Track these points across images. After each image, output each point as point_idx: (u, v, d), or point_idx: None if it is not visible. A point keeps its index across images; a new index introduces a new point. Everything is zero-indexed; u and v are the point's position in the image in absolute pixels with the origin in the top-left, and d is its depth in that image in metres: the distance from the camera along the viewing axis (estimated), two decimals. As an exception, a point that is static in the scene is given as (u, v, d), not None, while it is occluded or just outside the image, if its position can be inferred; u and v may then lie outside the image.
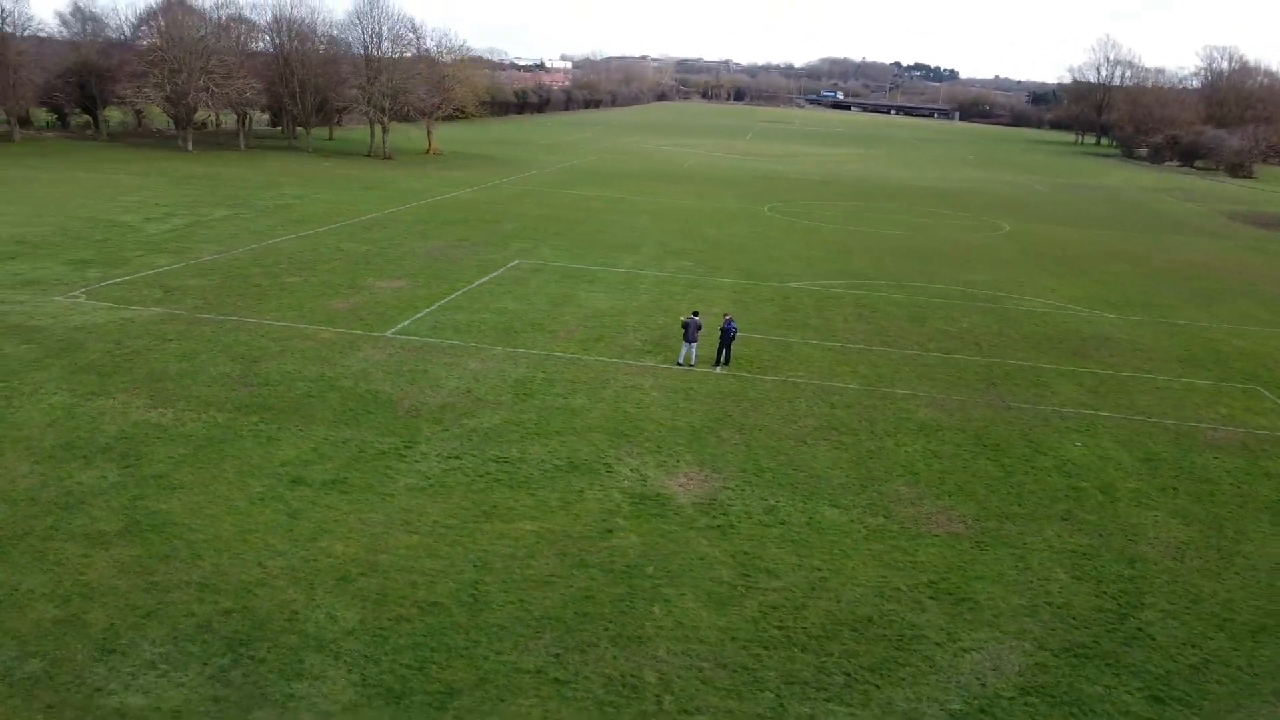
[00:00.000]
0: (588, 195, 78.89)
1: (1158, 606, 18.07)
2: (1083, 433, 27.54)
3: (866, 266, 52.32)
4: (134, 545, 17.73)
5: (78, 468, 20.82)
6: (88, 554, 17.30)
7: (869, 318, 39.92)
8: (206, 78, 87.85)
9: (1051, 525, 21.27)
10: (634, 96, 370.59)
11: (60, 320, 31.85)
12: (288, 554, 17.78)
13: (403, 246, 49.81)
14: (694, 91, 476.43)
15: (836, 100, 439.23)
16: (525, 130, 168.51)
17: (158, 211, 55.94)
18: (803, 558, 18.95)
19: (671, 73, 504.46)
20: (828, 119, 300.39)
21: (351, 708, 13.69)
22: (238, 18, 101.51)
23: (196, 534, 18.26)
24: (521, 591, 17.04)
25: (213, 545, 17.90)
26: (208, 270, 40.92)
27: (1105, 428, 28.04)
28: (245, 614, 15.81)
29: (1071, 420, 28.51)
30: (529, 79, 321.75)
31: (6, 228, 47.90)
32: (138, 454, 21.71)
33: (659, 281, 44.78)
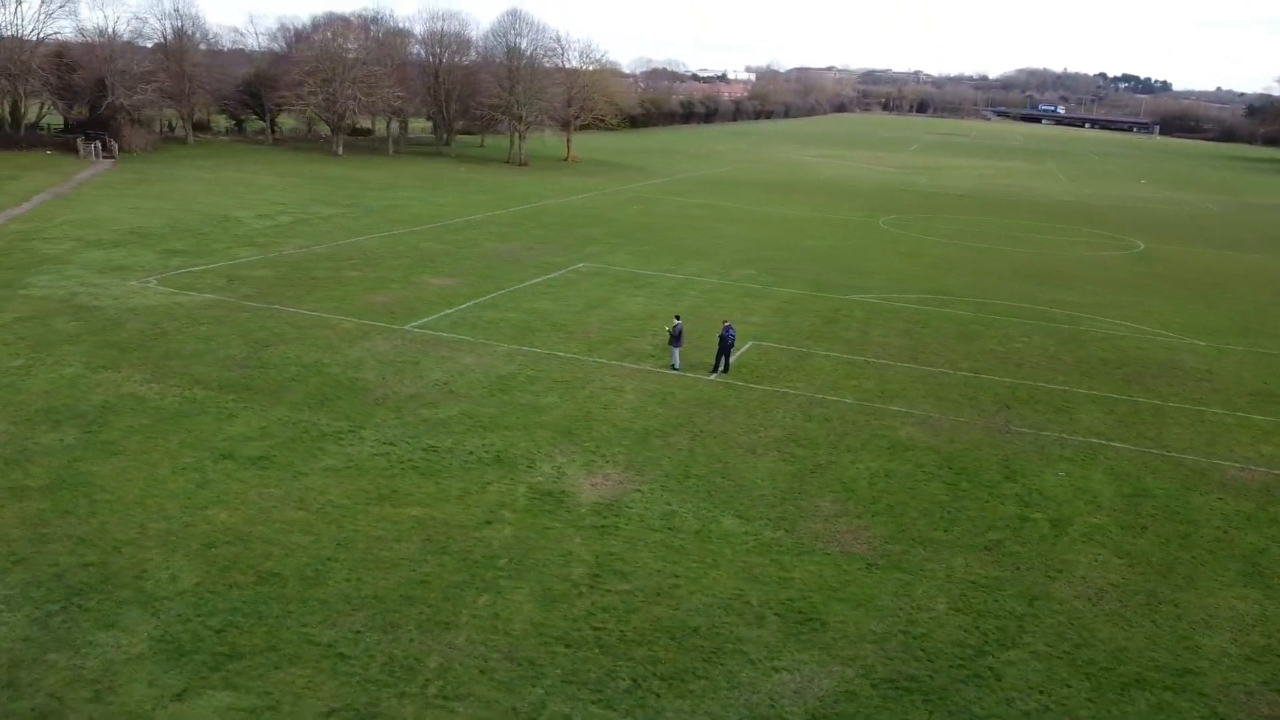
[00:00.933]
0: (698, 203, 79.10)
1: (1030, 647, 16.65)
2: (1078, 462, 25.53)
3: (954, 282, 50.11)
4: (46, 500, 19.44)
5: (45, 430, 22.96)
6: (3, 504, 19.10)
7: (914, 333, 38.27)
8: (355, 87, 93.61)
9: (968, 554, 19.92)
10: (810, 108, 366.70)
11: (119, 302, 35.01)
12: (173, 519, 19.02)
13: (479, 247, 51.60)
14: (875, 103, 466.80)
15: (1026, 113, 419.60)
16: (680, 139, 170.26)
17: (272, 209, 60.25)
18: (667, 564, 18.59)
19: (853, 84, 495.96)
20: (1009, 132, 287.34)
21: (135, 659, 14.60)
22: (395, 30, 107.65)
23: (106, 495, 19.82)
24: (364, 571, 17.57)
25: (113, 506, 19.38)
26: (279, 263, 43.83)
27: (1108, 459, 25.88)
28: (100, 568, 17.08)
29: (1073, 448, 26.47)
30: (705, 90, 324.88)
31: (132, 219, 52.92)
32: (104, 421, 23.70)
33: (711, 289, 44.49)
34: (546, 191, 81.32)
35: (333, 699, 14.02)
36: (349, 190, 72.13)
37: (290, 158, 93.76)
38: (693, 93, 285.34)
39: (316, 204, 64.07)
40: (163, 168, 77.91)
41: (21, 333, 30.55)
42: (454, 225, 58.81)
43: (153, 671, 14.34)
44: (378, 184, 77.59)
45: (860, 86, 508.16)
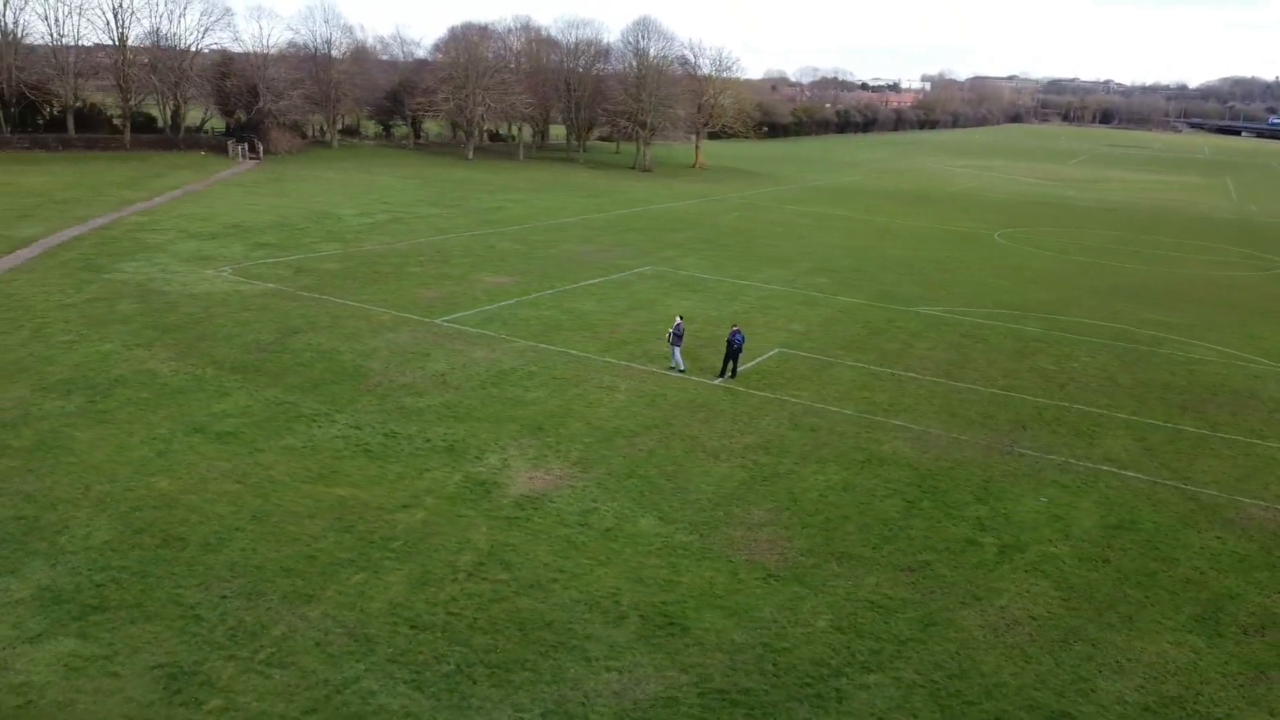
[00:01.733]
0: (808, 210, 77.97)
1: (897, 673, 15.72)
2: (1072, 489, 23.79)
3: (1039, 298, 47.50)
4: (20, 459, 21.33)
5: (54, 398, 25.16)
6: (-19, 460, 21.09)
7: (963, 348, 36.52)
8: (486, 93, 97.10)
9: (885, 574, 18.96)
10: (980, 118, 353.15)
11: (185, 288, 37.80)
12: (118, 483, 20.50)
13: (556, 248, 52.63)
14: (1054, 113, 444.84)
15: (1223, 125, 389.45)
16: (825, 148, 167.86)
17: (377, 208, 63.38)
18: (557, 559, 18.59)
19: (1033, 93, 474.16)
20: (1197, 145, 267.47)
21: (14, 603, 15.88)
22: (530, 38, 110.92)
23: (72, 458, 21.55)
24: (262, 543, 18.41)
25: (72, 468, 21.05)
26: (353, 258, 46.14)
27: (1109, 487, 24.01)
28: (30, 522, 18.62)
29: (1075, 474, 24.67)
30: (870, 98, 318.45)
31: (242, 214, 56.89)
32: (109, 393, 25.73)
33: (767, 295, 43.82)
34: (656, 197, 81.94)
35: (166, 655, 14.80)
36: (461, 192, 74.93)
37: (422, 161, 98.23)
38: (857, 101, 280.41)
39: (423, 204, 66.87)
40: (298, 169, 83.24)
41: (86, 311, 33.44)
42: (544, 227, 60.14)
43: (22, 615, 15.54)
44: (492, 186, 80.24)
45: (1041, 96, 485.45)
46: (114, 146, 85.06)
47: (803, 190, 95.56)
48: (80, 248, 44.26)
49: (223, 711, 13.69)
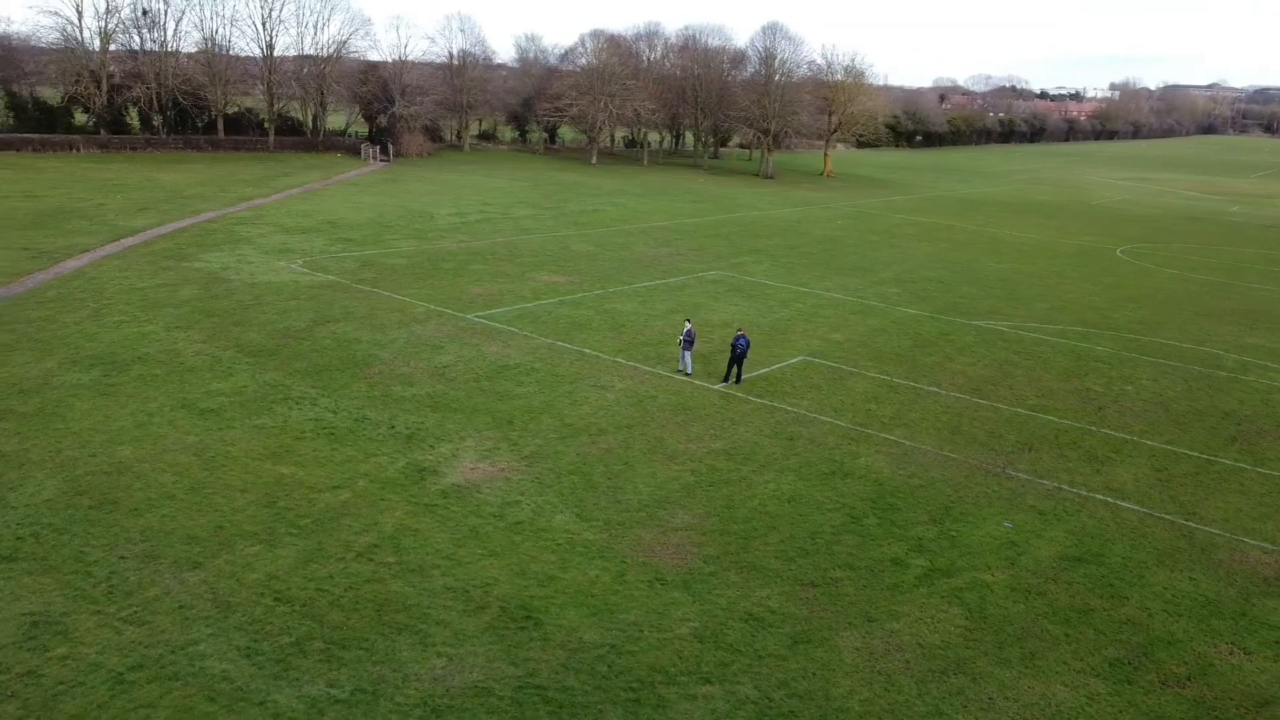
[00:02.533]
0: (917, 220, 75.55)
1: (733, 687, 15.14)
2: (1048, 516, 22.21)
3: (1128, 317, 44.43)
4: (15, 422, 23.36)
5: (76, 371, 27.38)
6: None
7: (1009, 365, 34.59)
8: (608, 100, 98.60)
9: (783, 588, 18.27)
10: (1167, 129, 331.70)
11: (251, 277, 40.27)
12: (87, 448, 22.15)
13: (628, 250, 53.02)
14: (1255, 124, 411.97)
15: None
16: (975, 158, 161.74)
17: (473, 208, 65.51)
18: (454, 546, 18.83)
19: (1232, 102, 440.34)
20: None
21: (-63, 549, 17.49)
22: (669, 45, 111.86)
23: (61, 424, 23.43)
24: (186, 511, 19.47)
25: (57, 433, 22.89)
26: (422, 254, 47.94)
27: (1093, 517, 22.28)
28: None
29: (1060, 500, 23.01)
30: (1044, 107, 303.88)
31: (342, 211, 60.02)
32: (126, 369, 27.78)
33: (824, 304, 42.77)
34: (764, 203, 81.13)
35: (42, 604, 15.94)
36: (566, 195, 76.43)
37: (545, 165, 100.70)
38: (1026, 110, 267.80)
39: (521, 205, 68.62)
40: (419, 170, 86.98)
41: (149, 295, 36.17)
42: (630, 229, 60.61)
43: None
44: (600, 190, 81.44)
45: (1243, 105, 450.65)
46: (259, 148, 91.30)
47: (927, 200, 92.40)
48: (178, 239, 47.82)
49: (63, 659, 14.60)
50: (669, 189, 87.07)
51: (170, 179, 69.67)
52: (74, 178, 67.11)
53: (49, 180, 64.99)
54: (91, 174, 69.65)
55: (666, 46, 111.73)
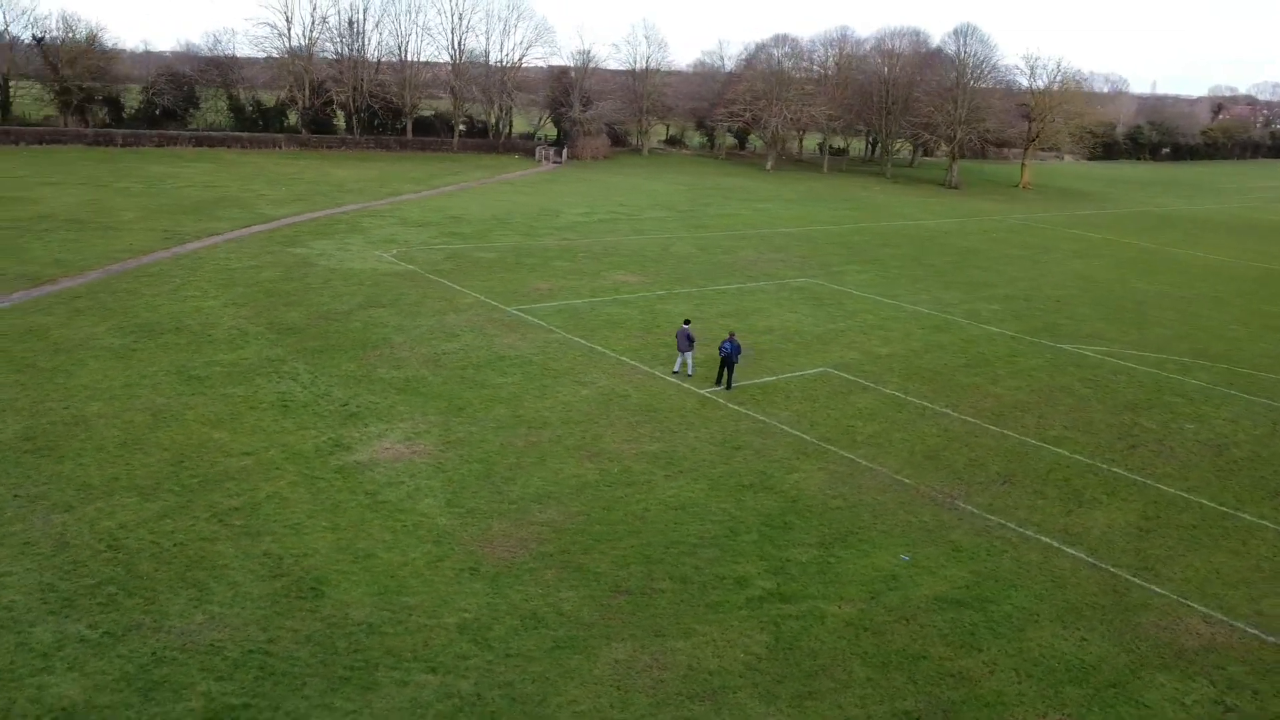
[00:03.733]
0: (1084, 237, 69.84)
1: (447, 677, 14.98)
2: (964, 554, 20.19)
3: (1265, 351, 39.36)
4: (30, 374, 26.48)
5: (116, 335, 30.57)
6: (7, 371, 26.55)
7: (1060, 393, 31.52)
8: (785, 105, 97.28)
9: (591, 591, 17.71)
10: None
11: (336, 264, 43.25)
12: (66, 400, 24.76)
13: (729, 254, 52.39)
14: None
15: None
16: (1221, 174, 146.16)
17: (607, 209, 66.78)
18: (305, 517, 19.54)
19: None
20: None
21: (-121, 474, 20.29)
22: (852, 50, 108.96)
23: (66, 379, 26.26)
24: (100, 463, 21.38)
25: (56, 387, 25.72)
26: (515, 249, 49.59)
27: (1016, 560, 20.02)
28: (-29, 420, 23.32)
29: (992, 540, 20.84)
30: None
31: (472, 208, 62.99)
32: (157, 336, 30.71)
33: (897, 317, 40.55)
34: (924, 214, 77.40)
35: (-83, 529, 18.15)
36: (712, 199, 76.32)
37: (718, 170, 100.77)
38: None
39: (657, 208, 69.21)
40: (584, 172, 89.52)
41: (234, 274, 39.70)
42: (750, 235, 59.78)
43: (-127, 483, 19.79)
44: (752, 195, 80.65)
45: None
46: (443, 149, 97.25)
47: (1120, 216, 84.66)
48: (304, 227, 52.02)
49: (-103, 576, 16.57)
50: (831, 196, 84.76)
51: (342, 175, 75.69)
52: (260, 172, 74.38)
53: (236, 173, 72.41)
54: (277, 169, 76.91)
55: (848, 51, 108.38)
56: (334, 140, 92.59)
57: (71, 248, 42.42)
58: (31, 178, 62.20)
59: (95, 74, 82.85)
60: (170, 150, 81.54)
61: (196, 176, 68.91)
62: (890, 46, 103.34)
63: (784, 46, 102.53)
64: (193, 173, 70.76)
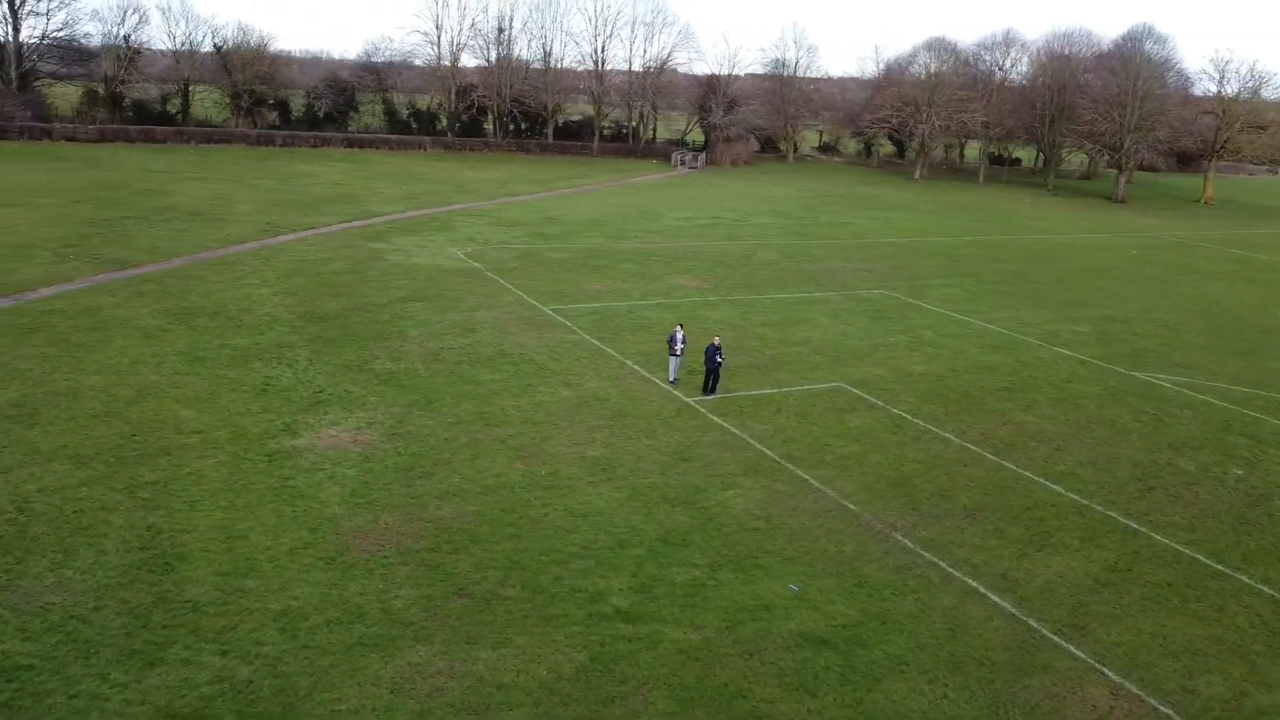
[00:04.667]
0: (1245, 257, 63.58)
1: (237, 660, 15.07)
2: (860, 591, 18.56)
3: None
4: (60, 346, 28.73)
5: (157, 316, 32.68)
6: (38, 342, 29.00)
7: (1093, 425, 28.65)
8: (934, 111, 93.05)
9: (436, 589, 17.44)
10: None
11: (405, 258, 44.75)
12: (71, 372, 26.61)
13: (812, 263, 50.73)
14: None
15: None
16: None
17: (712, 214, 66.03)
18: (207, 493, 20.15)
19: None
20: None
21: (-128, 429, 22.59)
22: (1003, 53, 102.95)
23: (87, 355, 28.20)
24: (62, 428, 22.82)
25: (72, 359, 27.71)
26: (589, 251, 49.78)
27: (917, 603, 18.21)
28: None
29: (907, 577, 19.12)
30: None
31: (574, 210, 63.72)
32: (192, 320, 32.65)
33: (956, 335, 38.04)
34: (1065, 228, 72.21)
35: None
36: (832, 208, 74.08)
37: (858, 178, 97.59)
38: None
39: (767, 215, 67.80)
40: (714, 178, 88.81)
41: (302, 265, 41.75)
42: (847, 244, 57.61)
43: None
44: (877, 204, 77.72)
45: None
46: (583, 153, 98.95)
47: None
48: (400, 224, 54.19)
49: None
50: (970, 207, 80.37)
51: (471, 176, 78.32)
52: (394, 171, 78.08)
53: (370, 172, 76.31)
54: (410, 169, 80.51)
55: (1017, 54, 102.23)
56: (478, 143, 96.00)
57: (173, 236, 45.86)
58: (183, 174, 67.86)
59: (264, 79, 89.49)
60: (321, 151, 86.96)
61: (332, 175, 73.10)
62: (1057, 49, 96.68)
63: (940, 50, 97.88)
64: (331, 172, 75.13)
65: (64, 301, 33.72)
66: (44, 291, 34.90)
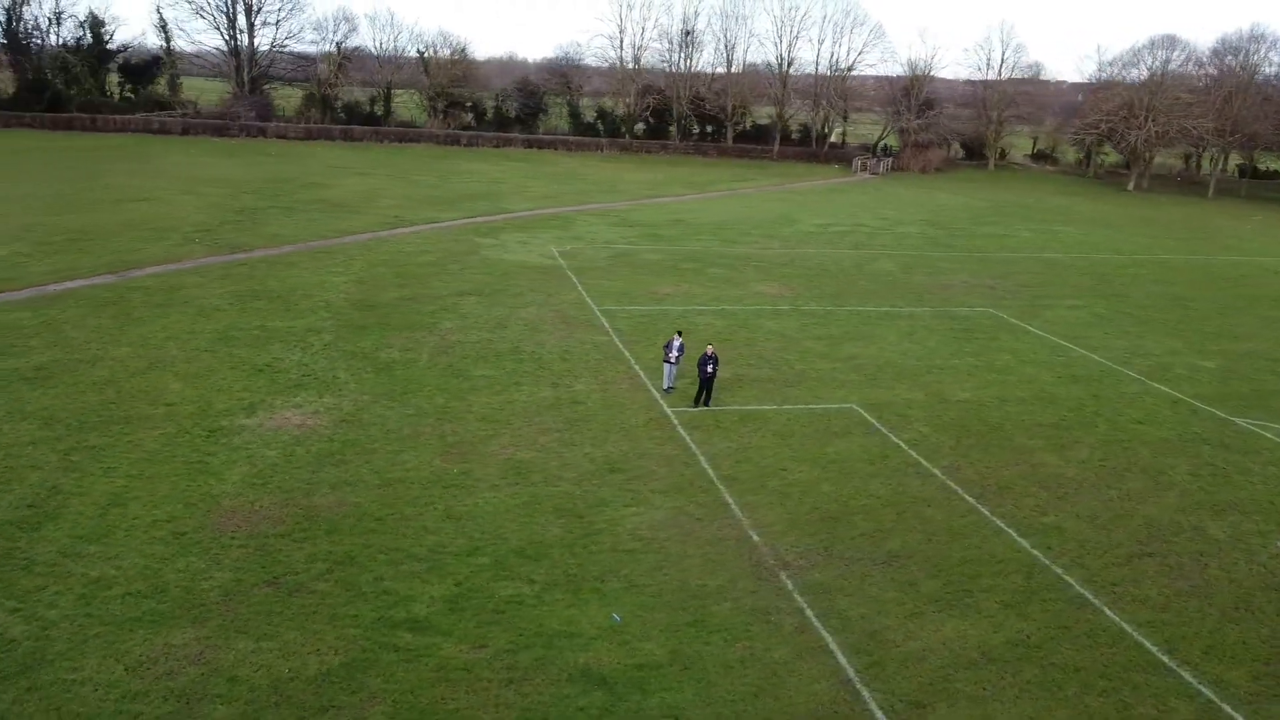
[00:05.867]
0: None
1: (15, 624, 15.88)
2: (709, 641, 17.14)
3: None
4: (115, 320, 31.60)
5: (222, 298, 35.11)
6: (106, 316, 32.03)
7: (1126, 472, 24.85)
8: (1148, 116, 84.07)
9: (245, 575, 17.54)
10: None
11: (495, 255, 45.72)
12: (110, 342, 29.17)
13: (934, 277, 47.36)
14: None
15: None
16: None
17: (856, 221, 62.99)
18: (130, 464, 21.39)
19: None
20: None
21: (-90, 381, 25.79)
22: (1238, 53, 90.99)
23: (135, 327, 30.84)
24: (63, 392, 25.04)
25: (118, 329, 30.39)
26: (690, 254, 48.79)
27: (763, 664, 16.39)
28: (17, 332, 28.59)
29: (750, 619, 17.40)
30: None
31: (707, 213, 62.65)
32: (249, 302, 34.87)
33: (1045, 364, 34.23)
34: (1253, 246, 62.94)
35: None
36: (1007, 219, 68.85)
37: (1057, 189, 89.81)
38: None
39: (922, 224, 63.86)
40: (890, 185, 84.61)
41: (393, 257, 43.63)
42: (988, 259, 53.17)
43: (-103, 386, 25.26)
44: (1059, 217, 71.31)
45: None
46: (762, 156, 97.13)
47: None
48: (519, 221, 55.48)
49: None
50: (1170, 223, 71.87)
51: (628, 177, 78.95)
52: (557, 172, 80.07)
53: (531, 171, 78.66)
54: (575, 169, 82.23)
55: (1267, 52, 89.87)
56: (656, 146, 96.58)
57: (300, 226, 49.28)
58: (355, 169, 72.87)
59: (458, 82, 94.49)
60: (501, 151, 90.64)
61: (492, 174, 75.98)
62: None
63: (1167, 49, 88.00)
64: (494, 170, 78.13)
65: (155, 280, 36.95)
66: (149, 270, 38.43)
